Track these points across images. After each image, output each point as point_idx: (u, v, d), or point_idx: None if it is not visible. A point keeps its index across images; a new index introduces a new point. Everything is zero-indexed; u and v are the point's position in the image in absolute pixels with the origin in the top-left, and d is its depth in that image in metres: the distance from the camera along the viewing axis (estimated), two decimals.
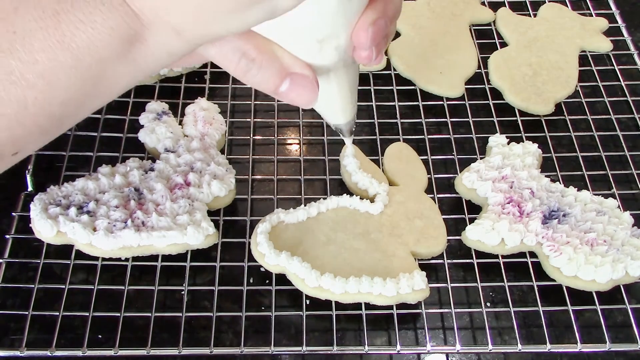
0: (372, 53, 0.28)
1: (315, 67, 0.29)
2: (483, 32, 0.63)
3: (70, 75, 0.24)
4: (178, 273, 0.45)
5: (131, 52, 0.25)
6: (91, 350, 0.41)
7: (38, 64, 0.24)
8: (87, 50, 0.24)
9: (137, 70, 0.26)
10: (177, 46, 0.26)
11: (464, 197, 0.49)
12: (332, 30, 0.27)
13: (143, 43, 0.25)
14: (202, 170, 0.48)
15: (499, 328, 0.44)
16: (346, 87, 0.32)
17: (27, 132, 0.26)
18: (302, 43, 0.28)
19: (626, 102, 0.57)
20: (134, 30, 0.24)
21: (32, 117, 0.25)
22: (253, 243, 0.44)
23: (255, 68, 0.27)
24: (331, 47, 0.28)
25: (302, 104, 0.29)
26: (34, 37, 0.24)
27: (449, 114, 0.56)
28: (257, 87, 0.28)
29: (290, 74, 0.28)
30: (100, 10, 0.24)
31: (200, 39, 0.26)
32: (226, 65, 0.28)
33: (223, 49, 0.27)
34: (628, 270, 0.44)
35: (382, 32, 0.28)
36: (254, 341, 0.43)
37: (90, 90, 0.26)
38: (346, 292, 0.42)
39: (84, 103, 0.26)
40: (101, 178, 0.46)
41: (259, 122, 0.55)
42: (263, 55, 0.27)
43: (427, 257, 0.46)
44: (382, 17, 0.28)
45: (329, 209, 0.47)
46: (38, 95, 0.25)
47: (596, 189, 0.50)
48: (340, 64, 0.30)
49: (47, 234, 0.44)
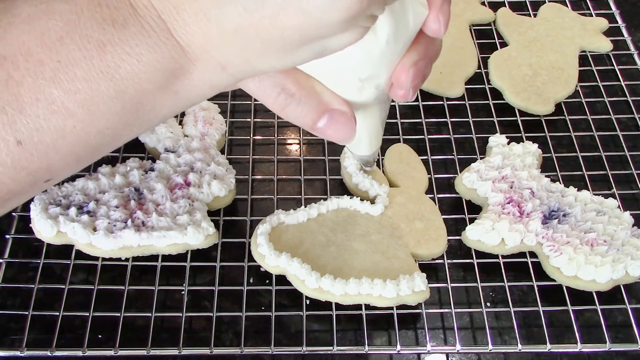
0: (410, 92, 0.28)
1: (352, 103, 0.29)
2: (483, 32, 0.62)
3: (110, 105, 0.24)
4: (178, 273, 0.45)
5: (174, 85, 0.25)
6: (91, 350, 0.41)
7: (80, 93, 0.24)
8: (130, 82, 0.24)
9: (178, 102, 0.26)
10: (221, 80, 0.26)
11: (464, 197, 0.49)
12: (375, 70, 0.28)
13: (187, 77, 0.25)
14: (202, 170, 0.48)
15: (499, 328, 0.44)
16: (377, 122, 0.32)
17: (62, 160, 0.26)
18: (343, 81, 0.28)
19: (626, 102, 0.57)
20: (179, 65, 0.24)
21: (69, 146, 0.25)
22: (253, 244, 0.44)
23: (295, 103, 0.27)
24: (371, 86, 0.28)
25: (339, 140, 0.29)
26: (78, 67, 0.23)
27: (449, 114, 0.55)
28: (295, 121, 0.28)
29: (329, 111, 0.28)
30: (147, 43, 0.24)
31: (244, 74, 0.26)
32: (264, 99, 0.28)
33: (263, 83, 0.27)
34: (628, 270, 0.44)
35: (421, 73, 0.28)
36: (254, 341, 0.43)
37: (130, 120, 0.26)
38: (346, 293, 0.42)
39: (122, 133, 0.26)
40: (101, 178, 0.46)
41: (259, 122, 0.55)
42: (302, 91, 0.27)
43: (428, 258, 0.46)
44: (423, 59, 0.28)
45: (329, 210, 0.47)
46: (77, 124, 0.24)
47: (596, 189, 0.50)
48: (376, 100, 0.30)
49: (47, 234, 0.44)
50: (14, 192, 0.26)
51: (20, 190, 0.26)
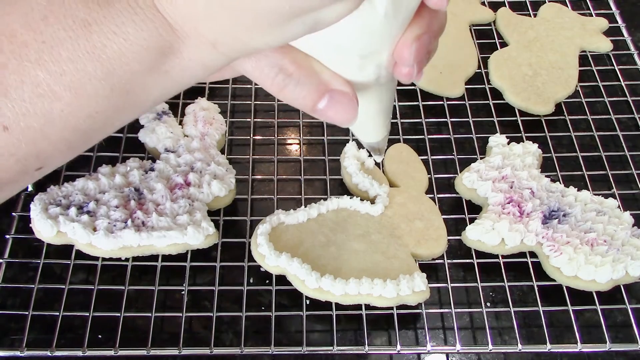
0: (414, 70, 0.27)
1: (354, 83, 0.28)
2: (483, 32, 0.63)
3: (98, 87, 0.24)
4: (178, 273, 0.45)
5: (164, 65, 0.24)
6: (91, 350, 0.41)
7: (66, 75, 0.23)
8: (117, 62, 0.23)
9: (170, 83, 0.25)
10: (213, 59, 0.25)
11: (464, 197, 0.49)
12: (375, 46, 0.26)
13: (177, 55, 0.24)
14: (202, 170, 0.48)
15: (499, 328, 0.44)
16: (383, 105, 0.31)
17: (52, 147, 0.25)
18: (342, 59, 0.27)
19: (626, 102, 0.57)
20: (168, 42, 0.24)
21: (58, 131, 0.24)
22: (253, 244, 0.44)
23: (293, 84, 0.26)
24: (373, 63, 0.27)
25: (341, 122, 0.28)
26: (63, 47, 0.23)
27: (449, 114, 0.56)
28: (294, 103, 0.27)
29: (330, 91, 0.27)
30: (133, 20, 0.23)
31: (237, 52, 0.25)
32: (262, 81, 0.26)
33: (260, 63, 0.26)
34: (628, 270, 0.44)
35: (425, 49, 0.26)
36: (254, 341, 0.43)
37: (120, 103, 0.25)
38: (346, 293, 0.42)
39: (113, 117, 0.26)
40: (101, 178, 0.46)
41: (259, 122, 0.55)
42: (301, 71, 0.26)
43: (428, 258, 0.46)
44: (427, 33, 0.26)
45: (329, 210, 0.47)
46: (65, 107, 0.24)
47: (596, 189, 0.50)
48: (379, 80, 0.28)
49: (47, 234, 0.43)
50: (5, 180, 0.26)
51: (10, 179, 0.26)
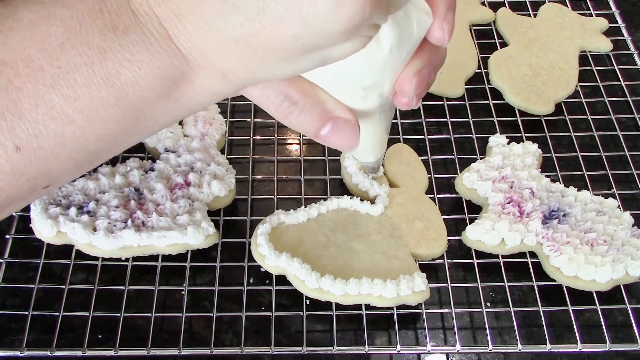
0: (413, 100, 0.28)
1: (356, 111, 0.29)
2: (483, 32, 0.62)
3: (111, 112, 0.24)
4: (178, 273, 0.45)
5: (175, 92, 0.25)
6: (91, 350, 0.41)
7: (80, 100, 0.24)
8: (130, 89, 0.24)
9: (179, 109, 0.26)
10: (222, 88, 0.25)
11: (464, 197, 0.49)
12: (379, 79, 0.27)
13: (188, 84, 0.25)
14: (202, 170, 0.48)
15: (499, 328, 0.44)
16: (382, 129, 0.32)
17: (61, 167, 0.26)
18: (347, 89, 0.28)
19: (626, 102, 0.57)
20: (180, 72, 0.24)
21: (68, 152, 0.25)
22: (253, 244, 0.44)
23: (298, 111, 0.27)
24: (375, 94, 0.28)
25: (343, 147, 0.29)
26: (78, 73, 0.23)
27: (449, 114, 0.55)
28: (298, 129, 0.28)
29: (333, 118, 0.28)
30: (148, 50, 0.23)
31: (246, 82, 0.26)
32: (267, 107, 0.27)
33: (266, 91, 0.27)
34: (628, 270, 0.44)
35: (425, 82, 0.28)
36: (254, 341, 0.43)
37: (130, 127, 0.26)
38: (346, 293, 0.42)
39: (121, 139, 0.26)
40: (101, 178, 0.46)
41: (259, 122, 0.55)
42: (306, 99, 0.27)
43: (428, 258, 0.46)
44: (427, 67, 0.28)
45: (329, 211, 0.47)
46: (77, 130, 0.24)
47: (596, 189, 0.50)
48: (380, 108, 0.30)
49: (47, 234, 0.43)
50: (13, 198, 0.26)
51: (18, 196, 0.26)
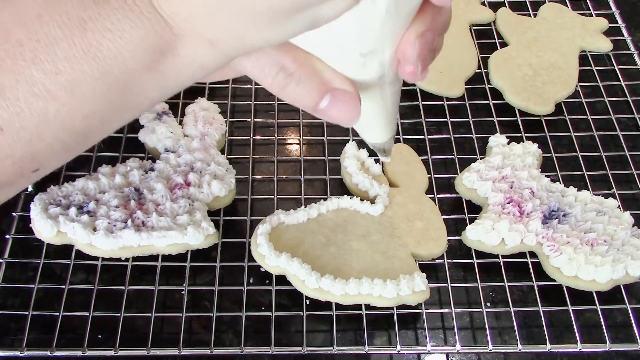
0: (418, 68, 0.26)
1: (357, 82, 0.27)
2: (483, 32, 0.62)
3: (95, 86, 0.23)
4: (178, 273, 0.45)
5: (161, 64, 0.24)
6: (91, 350, 0.41)
7: (61, 75, 0.23)
8: (113, 61, 0.23)
9: (167, 83, 0.25)
10: (211, 58, 0.24)
11: (464, 197, 0.49)
12: (377, 43, 0.26)
13: (174, 54, 0.24)
14: (202, 170, 0.48)
15: (499, 328, 0.44)
16: (388, 104, 0.30)
17: (48, 148, 0.25)
18: (344, 57, 0.26)
19: (626, 102, 0.57)
20: (164, 41, 0.23)
21: (53, 132, 0.24)
22: (253, 244, 0.44)
23: (294, 82, 0.26)
24: (375, 61, 0.26)
25: (344, 121, 0.27)
26: (58, 46, 0.22)
27: (449, 114, 0.55)
28: (295, 103, 0.26)
29: (331, 90, 0.26)
30: (129, 17, 0.22)
31: (235, 50, 0.24)
32: (262, 79, 0.26)
33: (260, 62, 0.25)
34: (628, 270, 0.44)
35: (429, 46, 0.26)
36: (254, 341, 0.43)
37: (117, 103, 0.24)
38: (346, 293, 0.42)
39: (109, 117, 0.25)
40: (101, 178, 0.46)
41: (259, 122, 0.55)
42: (302, 69, 0.26)
43: (428, 258, 0.46)
44: (430, 30, 0.26)
45: (329, 210, 0.47)
46: (60, 107, 0.23)
47: (596, 189, 0.50)
48: (383, 79, 0.28)
49: (47, 234, 0.43)
50: (1, 182, 0.25)
51: (7, 181, 0.26)
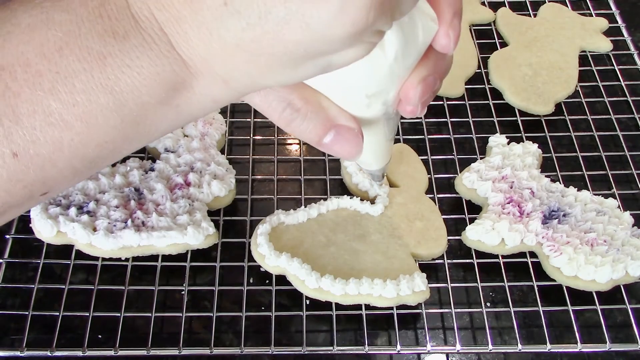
0: (418, 109, 0.28)
1: (360, 119, 0.28)
2: (483, 32, 0.62)
3: (109, 118, 0.24)
4: (178, 273, 0.45)
5: (175, 99, 0.25)
6: (91, 350, 0.41)
7: (78, 106, 0.23)
8: (130, 95, 0.24)
9: (179, 116, 0.26)
10: (224, 94, 0.25)
11: (464, 197, 0.49)
12: (383, 86, 0.27)
13: (189, 90, 0.25)
14: (202, 170, 0.48)
15: (499, 328, 0.44)
16: (386, 138, 0.32)
17: (59, 174, 0.25)
18: (351, 97, 0.27)
19: (626, 102, 0.57)
20: (180, 78, 0.24)
21: (66, 159, 0.25)
22: (253, 244, 0.44)
23: (300, 118, 0.27)
24: (379, 102, 0.28)
25: (346, 156, 0.28)
26: (77, 78, 0.23)
27: (449, 114, 0.55)
28: (301, 137, 0.28)
29: (336, 126, 0.27)
30: (148, 55, 0.23)
31: (248, 89, 0.25)
32: (270, 114, 0.27)
33: (268, 97, 0.26)
34: (628, 270, 0.44)
35: (430, 89, 0.27)
36: (254, 341, 0.43)
37: (129, 134, 0.25)
38: (346, 293, 0.42)
39: (121, 146, 0.26)
40: (101, 178, 0.46)
41: (259, 122, 0.55)
42: (309, 106, 0.27)
43: (428, 258, 0.46)
44: (432, 75, 0.27)
45: (329, 210, 0.47)
46: (75, 137, 0.24)
47: (596, 189, 0.50)
48: (385, 116, 0.29)
49: (47, 234, 0.43)
50: (10, 204, 0.26)
51: (15, 203, 0.26)
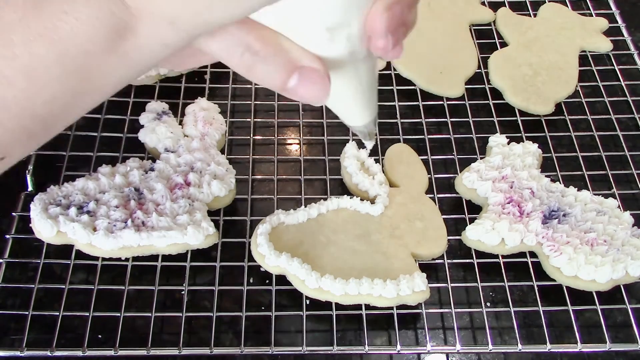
0: (389, 42, 0.25)
1: (327, 60, 0.26)
2: (483, 32, 0.62)
3: (52, 70, 0.23)
4: (178, 273, 0.45)
5: (121, 45, 0.23)
6: (91, 350, 0.41)
7: (17, 59, 0.22)
8: (70, 43, 0.22)
9: (130, 65, 0.24)
10: (172, 37, 0.24)
11: (464, 197, 0.49)
12: (343, 16, 0.25)
13: (134, 34, 0.23)
14: (202, 170, 0.48)
15: (499, 328, 0.44)
16: (363, 84, 0.30)
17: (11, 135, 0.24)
18: (310, 33, 0.26)
19: (626, 102, 0.57)
20: (122, 21, 0.23)
21: (15, 119, 0.24)
22: (253, 244, 0.44)
23: (260, 62, 0.25)
24: (343, 36, 0.26)
25: (313, 100, 0.26)
26: (13, 31, 0.22)
27: (449, 114, 0.55)
28: (263, 82, 0.26)
29: (299, 68, 0.25)
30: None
31: (196, 28, 0.24)
32: (229, 60, 0.26)
33: (225, 42, 0.25)
34: (628, 270, 0.44)
35: (398, 18, 0.25)
36: (254, 341, 0.43)
37: (77, 88, 0.24)
38: (346, 293, 0.42)
39: (72, 102, 0.25)
40: (101, 178, 0.46)
41: (259, 122, 0.55)
42: (268, 48, 0.25)
43: (428, 258, 0.46)
44: (399, 3, 0.25)
45: (329, 210, 0.47)
46: (18, 93, 0.23)
47: (596, 189, 0.50)
48: (355, 56, 0.27)
49: (47, 234, 0.43)
50: None
51: None
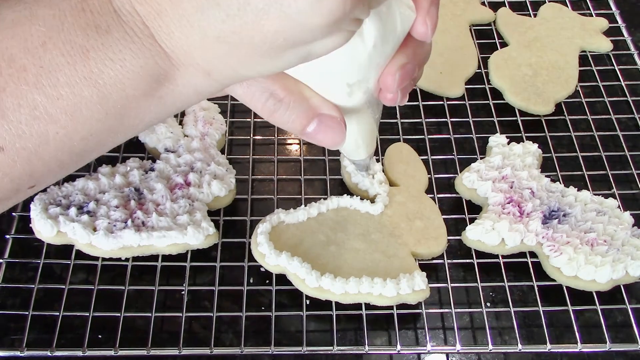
0: (398, 96, 0.28)
1: (342, 108, 0.29)
2: (483, 32, 0.62)
3: (94, 111, 0.24)
4: (178, 273, 0.45)
5: (158, 91, 0.25)
6: (91, 350, 0.41)
7: (62, 99, 0.24)
8: (113, 88, 0.24)
9: (163, 108, 0.26)
10: (206, 86, 0.26)
11: (464, 197, 0.49)
12: (363, 74, 0.28)
13: (172, 82, 0.25)
14: (202, 170, 0.48)
15: (499, 328, 0.44)
16: (370, 126, 0.32)
17: (45, 167, 0.26)
18: (332, 86, 0.28)
19: (626, 102, 0.57)
20: (163, 70, 0.24)
21: (52, 152, 0.25)
22: (253, 243, 0.44)
23: (283, 108, 0.27)
24: (360, 90, 0.28)
25: (329, 145, 0.29)
26: (60, 72, 0.23)
27: (449, 114, 0.55)
28: (284, 126, 0.28)
29: (318, 115, 0.28)
30: (131, 49, 0.24)
31: (230, 80, 0.26)
32: (253, 105, 0.28)
33: (251, 88, 0.27)
34: (628, 270, 0.44)
35: (409, 77, 0.28)
36: (254, 341, 0.43)
37: (114, 126, 0.26)
38: (346, 292, 0.42)
39: (106, 139, 0.26)
40: (101, 178, 0.46)
41: (259, 122, 0.55)
42: (291, 96, 0.27)
43: (428, 257, 0.46)
44: (411, 62, 0.28)
45: (329, 210, 0.47)
46: (60, 130, 0.24)
47: (596, 189, 0.50)
48: (366, 105, 0.30)
49: (47, 234, 0.43)
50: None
51: (3, 197, 0.26)
